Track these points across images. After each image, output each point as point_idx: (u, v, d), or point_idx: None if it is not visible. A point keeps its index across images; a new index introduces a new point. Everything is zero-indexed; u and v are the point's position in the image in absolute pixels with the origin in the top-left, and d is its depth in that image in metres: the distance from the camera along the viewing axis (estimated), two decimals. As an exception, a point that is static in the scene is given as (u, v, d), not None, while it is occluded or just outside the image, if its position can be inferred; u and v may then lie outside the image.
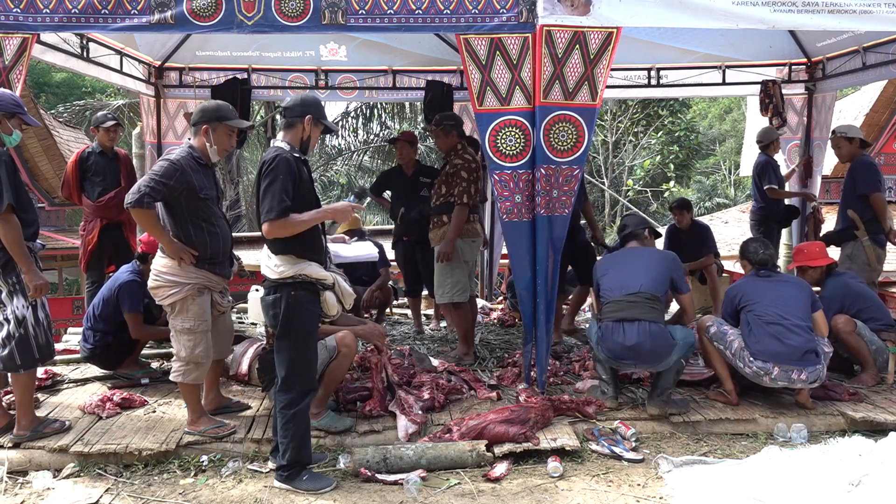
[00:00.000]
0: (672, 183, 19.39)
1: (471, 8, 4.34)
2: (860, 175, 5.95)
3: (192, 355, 3.95)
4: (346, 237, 4.34)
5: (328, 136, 19.23)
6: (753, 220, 7.38)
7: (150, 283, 3.98)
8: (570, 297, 6.65)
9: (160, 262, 3.95)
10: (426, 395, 4.41)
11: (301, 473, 3.52)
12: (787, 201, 7.46)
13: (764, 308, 4.33)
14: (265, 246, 3.60)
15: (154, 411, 4.46)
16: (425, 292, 6.73)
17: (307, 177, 3.55)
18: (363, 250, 4.11)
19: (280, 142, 3.56)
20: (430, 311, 7.41)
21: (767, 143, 7.18)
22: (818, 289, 5.12)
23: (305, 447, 3.55)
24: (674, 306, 4.99)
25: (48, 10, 4.34)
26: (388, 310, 7.36)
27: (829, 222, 7.15)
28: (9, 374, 4.08)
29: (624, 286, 4.36)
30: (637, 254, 4.58)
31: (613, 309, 4.33)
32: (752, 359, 4.27)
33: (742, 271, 4.86)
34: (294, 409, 3.48)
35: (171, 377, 4.04)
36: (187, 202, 3.88)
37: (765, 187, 7.07)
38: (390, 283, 7.06)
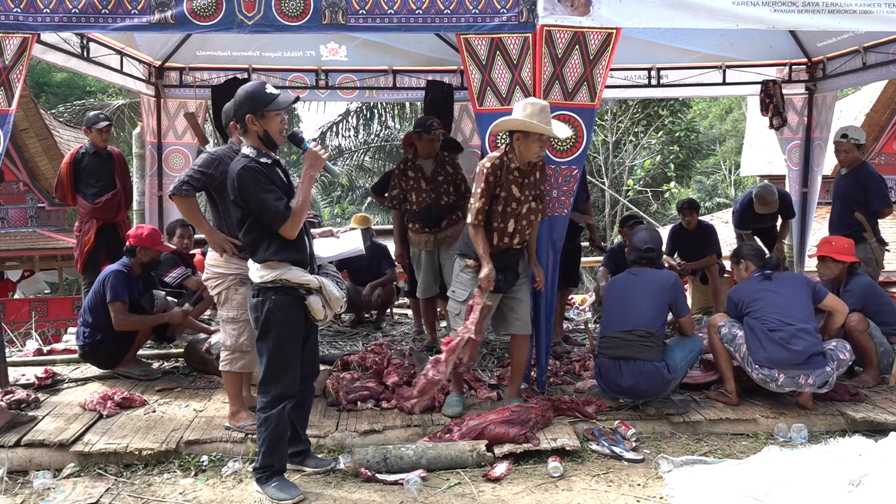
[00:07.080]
0: (672, 183, 19.33)
1: (471, 8, 4.34)
2: (874, 189, 5.93)
3: (237, 344, 4.09)
4: (334, 230, 4.08)
5: (328, 136, 19.48)
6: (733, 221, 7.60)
7: (203, 276, 4.22)
8: None
9: (208, 256, 4.16)
10: (426, 395, 4.40)
11: (270, 479, 3.45)
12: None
13: (765, 313, 4.31)
14: None
15: (154, 411, 4.47)
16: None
17: (280, 181, 3.45)
18: (347, 245, 3.82)
19: (245, 148, 3.47)
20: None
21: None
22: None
23: (277, 452, 3.47)
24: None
25: (48, 10, 4.34)
26: (388, 310, 7.36)
27: (823, 225, 7.11)
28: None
29: (620, 321, 4.37)
30: (640, 280, 4.50)
31: (609, 345, 4.38)
32: (757, 367, 4.26)
33: (736, 274, 4.83)
34: (267, 412, 3.42)
35: (220, 367, 4.17)
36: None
37: (735, 227, 7.34)
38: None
